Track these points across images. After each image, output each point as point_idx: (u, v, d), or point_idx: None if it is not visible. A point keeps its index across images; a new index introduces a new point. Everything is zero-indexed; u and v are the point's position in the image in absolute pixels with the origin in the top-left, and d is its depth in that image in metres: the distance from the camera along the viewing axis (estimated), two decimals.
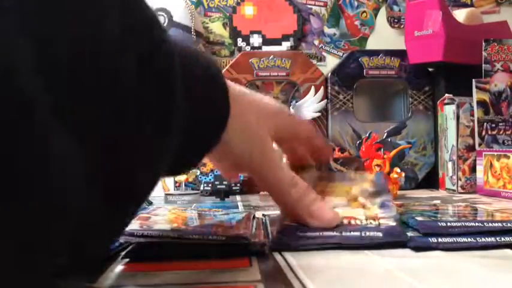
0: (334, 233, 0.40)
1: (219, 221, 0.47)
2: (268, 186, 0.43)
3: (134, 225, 0.40)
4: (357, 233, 0.40)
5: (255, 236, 0.41)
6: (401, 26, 1.11)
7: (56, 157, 0.19)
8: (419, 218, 0.42)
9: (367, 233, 0.40)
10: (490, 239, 0.39)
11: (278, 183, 0.42)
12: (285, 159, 0.49)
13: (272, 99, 0.46)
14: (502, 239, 0.39)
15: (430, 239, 0.39)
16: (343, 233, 0.40)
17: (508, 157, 0.76)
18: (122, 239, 0.37)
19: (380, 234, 0.39)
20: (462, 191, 0.84)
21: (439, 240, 0.39)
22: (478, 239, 0.39)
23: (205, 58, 0.36)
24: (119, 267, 0.35)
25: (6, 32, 0.18)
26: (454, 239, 0.39)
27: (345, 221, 0.42)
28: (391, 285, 0.30)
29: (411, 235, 0.40)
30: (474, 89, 0.85)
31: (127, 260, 0.37)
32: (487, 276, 0.32)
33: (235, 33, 1.09)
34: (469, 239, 0.39)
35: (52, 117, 0.19)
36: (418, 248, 0.38)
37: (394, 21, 1.13)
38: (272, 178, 0.41)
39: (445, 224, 0.40)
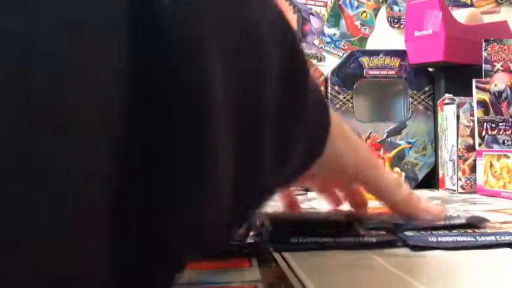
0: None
1: None
2: (376, 189, 0.46)
3: None
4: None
5: (246, 237, 0.41)
6: (401, 26, 1.11)
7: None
8: (410, 234, 0.42)
9: None
10: (489, 238, 0.39)
11: (387, 185, 0.45)
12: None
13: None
14: (502, 238, 0.39)
15: (429, 238, 0.39)
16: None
17: (508, 157, 0.76)
18: None
19: None
20: (462, 191, 0.84)
21: (439, 239, 0.39)
22: (477, 238, 0.39)
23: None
24: None
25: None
26: (454, 238, 0.39)
27: None
28: (391, 285, 0.30)
29: (410, 234, 0.41)
30: (474, 89, 0.85)
31: None
32: (487, 276, 0.32)
33: None
34: (469, 238, 0.39)
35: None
36: (417, 247, 0.38)
37: (394, 21, 1.13)
38: (380, 181, 0.44)
39: (435, 239, 0.39)
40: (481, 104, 0.85)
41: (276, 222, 0.43)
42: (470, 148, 0.85)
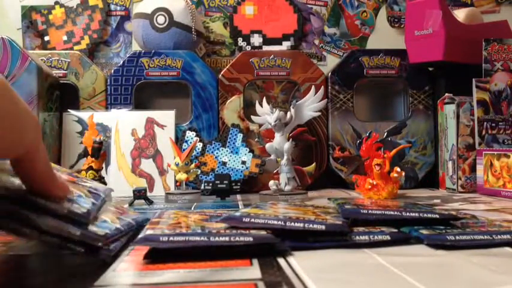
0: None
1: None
2: None
3: (148, 231, 0.40)
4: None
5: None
6: (402, 26, 1.11)
7: None
8: (425, 232, 0.42)
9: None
10: (506, 236, 0.40)
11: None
12: None
13: None
14: None
15: (447, 236, 0.39)
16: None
17: (508, 156, 0.77)
18: (137, 245, 0.38)
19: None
20: (462, 190, 0.84)
21: (457, 237, 0.39)
22: (494, 236, 0.40)
23: None
24: (119, 267, 0.35)
25: None
26: (471, 236, 0.40)
27: None
28: (391, 285, 0.30)
29: (426, 233, 0.41)
30: (474, 89, 0.85)
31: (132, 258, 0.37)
32: (487, 275, 0.32)
33: (235, 33, 1.09)
34: (486, 236, 0.40)
35: None
36: (435, 246, 0.38)
37: (394, 21, 1.13)
38: None
39: (453, 238, 0.40)
40: (481, 103, 0.85)
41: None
42: (470, 147, 0.85)
